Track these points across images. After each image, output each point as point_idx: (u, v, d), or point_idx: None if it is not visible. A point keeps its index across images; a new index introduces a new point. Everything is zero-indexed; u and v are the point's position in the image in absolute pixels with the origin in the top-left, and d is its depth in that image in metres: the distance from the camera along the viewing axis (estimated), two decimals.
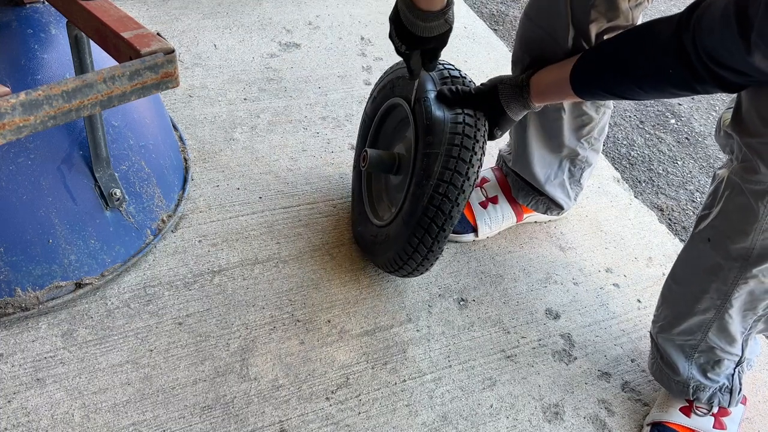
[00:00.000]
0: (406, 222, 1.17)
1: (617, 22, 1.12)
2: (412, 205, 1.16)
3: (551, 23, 1.15)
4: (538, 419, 1.18)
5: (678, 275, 1.11)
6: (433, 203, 1.11)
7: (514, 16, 2.49)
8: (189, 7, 2.05)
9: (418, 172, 1.15)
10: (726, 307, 1.02)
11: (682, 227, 1.71)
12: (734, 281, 0.98)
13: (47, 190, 1.14)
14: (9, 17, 1.14)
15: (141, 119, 1.33)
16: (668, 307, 1.13)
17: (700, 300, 1.04)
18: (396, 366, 1.22)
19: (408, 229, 1.16)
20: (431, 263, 1.20)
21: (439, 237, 1.14)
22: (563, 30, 1.15)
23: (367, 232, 1.34)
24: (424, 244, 1.15)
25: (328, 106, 1.78)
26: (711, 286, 1.02)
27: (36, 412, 1.05)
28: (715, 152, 2.02)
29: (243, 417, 1.09)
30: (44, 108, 0.74)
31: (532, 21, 1.21)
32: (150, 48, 0.84)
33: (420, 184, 1.14)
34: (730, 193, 0.95)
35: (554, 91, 1.07)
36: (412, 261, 1.19)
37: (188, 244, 1.35)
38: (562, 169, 1.39)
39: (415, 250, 1.17)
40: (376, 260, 1.31)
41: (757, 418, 1.25)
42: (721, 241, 0.98)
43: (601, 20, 1.12)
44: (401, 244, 1.18)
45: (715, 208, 0.99)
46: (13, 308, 1.14)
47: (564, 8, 1.11)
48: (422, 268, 1.21)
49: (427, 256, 1.18)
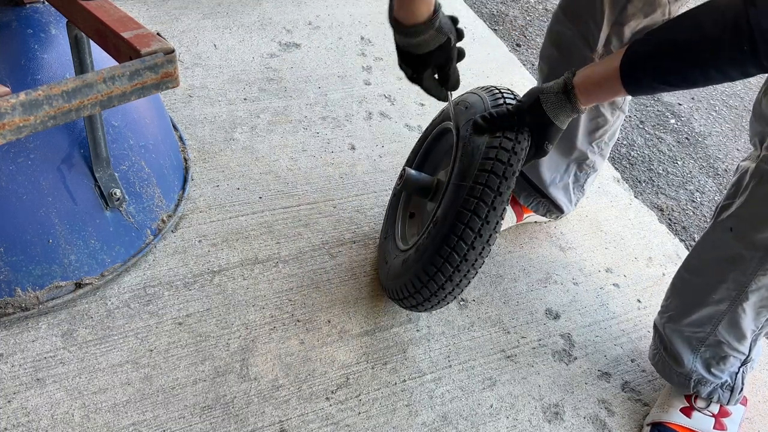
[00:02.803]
0: (420, 256, 1.09)
1: (654, 18, 1.10)
2: (428, 239, 1.07)
3: (585, 19, 1.14)
4: (538, 419, 1.18)
5: (693, 265, 1.10)
6: (448, 244, 1.02)
7: (513, 16, 2.49)
8: (189, 7, 2.05)
9: (445, 204, 1.06)
10: (741, 299, 1.01)
11: (682, 227, 1.71)
12: (754, 272, 0.98)
13: (47, 190, 1.14)
14: (9, 17, 1.14)
15: (141, 119, 1.33)
16: (679, 297, 1.12)
17: (716, 290, 1.03)
18: (396, 366, 1.22)
19: (419, 264, 1.08)
20: (445, 299, 1.11)
21: (453, 278, 1.05)
22: (596, 27, 1.13)
23: (387, 251, 1.28)
24: (434, 282, 1.06)
25: (328, 106, 1.78)
26: (729, 276, 1.01)
27: (36, 412, 1.05)
28: (715, 152, 2.02)
29: (243, 417, 1.09)
30: (44, 108, 0.74)
31: (566, 15, 1.19)
32: (150, 48, 0.84)
33: (444, 217, 1.05)
34: (759, 182, 0.94)
35: (603, 88, 0.97)
36: (418, 296, 1.11)
37: (188, 244, 1.35)
38: (568, 172, 1.39)
39: (423, 285, 1.08)
40: (387, 285, 1.23)
41: (757, 418, 1.25)
42: (745, 231, 0.97)
43: (638, 16, 1.10)
44: (410, 276, 1.10)
45: (739, 197, 0.98)
46: (13, 308, 1.14)
47: (600, 2, 1.10)
48: (434, 301, 1.12)
49: (437, 294, 1.08)
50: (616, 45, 1.15)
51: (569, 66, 1.23)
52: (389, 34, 1.05)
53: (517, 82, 2.02)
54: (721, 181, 1.92)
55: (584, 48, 1.17)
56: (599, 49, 1.16)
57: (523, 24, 2.46)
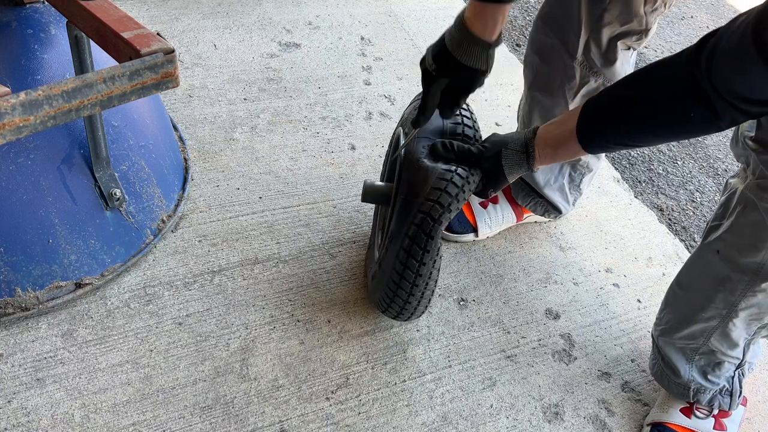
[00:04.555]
0: (383, 267, 1.11)
1: (631, 26, 1.11)
2: (387, 254, 1.10)
3: (564, 27, 1.15)
4: (538, 419, 1.18)
5: (684, 282, 1.10)
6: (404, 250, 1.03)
7: (513, 16, 2.49)
8: (189, 7, 2.05)
9: (397, 214, 1.07)
10: (731, 316, 1.01)
11: (682, 227, 1.71)
12: (742, 293, 0.98)
13: (47, 190, 1.14)
14: (9, 17, 1.14)
15: (141, 119, 1.33)
16: (671, 311, 1.13)
17: (706, 308, 1.04)
18: (396, 366, 1.22)
19: (383, 279, 1.10)
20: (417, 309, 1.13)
21: (414, 291, 1.06)
22: (575, 35, 1.14)
23: (368, 261, 1.30)
24: (402, 289, 1.07)
25: (328, 106, 1.78)
26: (718, 295, 1.01)
27: (36, 412, 1.05)
28: (715, 152, 2.02)
29: (243, 417, 1.09)
30: (44, 108, 0.74)
31: (546, 24, 1.20)
32: (150, 48, 0.84)
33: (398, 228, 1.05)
34: (743, 209, 0.94)
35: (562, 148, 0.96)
36: (394, 307, 1.13)
37: (188, 244, 1.35)
38: (562, 173, 1.39)
39: (395, 294, 1.09)
40: (371, 296, 1.24)
41: (756, 419, 1.25)
42: (731, 255, 0.97)
43: (615, 24, 1.11)
44: (381, 291, 1.13)
45: (726, 220, 0.98)
46: (13, 308, 1.14)
47: (577, 11, 1.11)
48: (406, 312, 1.14)
49: (409, 300, 1.10)
50: (595, 52, 1.17)
51: (552, 73, 1.24)
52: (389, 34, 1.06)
53: (516, 82, 2.02)
54: (721, 181, 1.91)
55: (565, 56, 1.19)
56: (579, 56, 1.18)
57: (523, 24, 2.46)
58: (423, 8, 2.28)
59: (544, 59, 1.24)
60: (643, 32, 1.16)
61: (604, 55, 1.18)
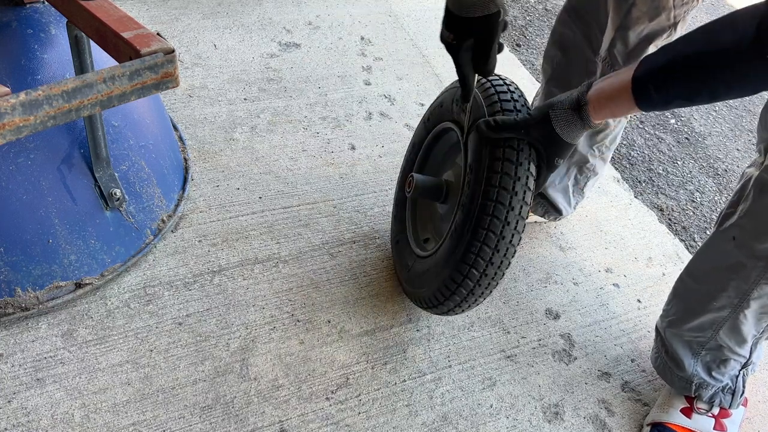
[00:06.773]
0: (447, 258, 1.07)
1: (659, 22, 1.08)
2: (453, 240, 1.06)
3: (589, 21, 1.13)
4: (538, 419, 1.18)
5: (695, 271, 1.10)
6: (477, 238, 1.01)
7: (513, 16, 2.49)
8: (189, 7, 2.05)
9: (464, 203, 1.04)
10: (743, 306, 1.01)
11: (682, 227, 1.71)
12: (756, 280, 0.98)
13: (47, 190, 1.14)
14: (9, 17, 1.14)
15: (141, 119, 1.33)
16: (680, 302, 1.12)
17: (717, 297, 1.03)
18: (396, 366, 1.22)
19: (448, 266, 1.06)
20: (476, 302, 1.09)
21: (487, 273, 1.03)
22: (600, 30, 1.12)
23: (405, 260, 1.26)
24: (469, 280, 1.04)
25: (328, 106, 1.78)
26: (730, 284, 1.01)
27: (36, 412, 1.05)
28: (715, 152, 2.03)
29: (243, 417, 1.09)
30: (44, 108, 0.74)
31: (570, 17, 1.18)
32: (150, 48, 0.84)
33: (465, 216, 1.03)
34: (760, 192, 0.94)
35: (615, 103, 0.91)
36: (454, 298, 1.08)
37: (188, 244, 1.35)
38: (568, 175, 1.39)
39: (458, 286, 1.05)
40: (411, 292, 1.22)
41: (757, 418, 1.25)
42: (747, 241, 0.97)
43: (643, 20, 1.07)
44: (441, 281, 1.08)
45: (741, 206, 0.98)
46: (13, 308, 1.14)
47: (603, 5, 1.09)
48: (464, 305, 1.10)
49: (473, 292, 1.06)
50: (620, 49, 1.15)
51: (572, 68, 1.22)
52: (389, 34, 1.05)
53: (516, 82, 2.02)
54: (721, 181, 1.92)
55: (588, 50, 1.17)
56: (602, 52, 1.16)
57: (523, 24, 2.46)
58: (423, 8, 2.28)
59: (565, 53, 1.22)
60: (672, 27, 1.11)
61: (629, 54, 1.14)
